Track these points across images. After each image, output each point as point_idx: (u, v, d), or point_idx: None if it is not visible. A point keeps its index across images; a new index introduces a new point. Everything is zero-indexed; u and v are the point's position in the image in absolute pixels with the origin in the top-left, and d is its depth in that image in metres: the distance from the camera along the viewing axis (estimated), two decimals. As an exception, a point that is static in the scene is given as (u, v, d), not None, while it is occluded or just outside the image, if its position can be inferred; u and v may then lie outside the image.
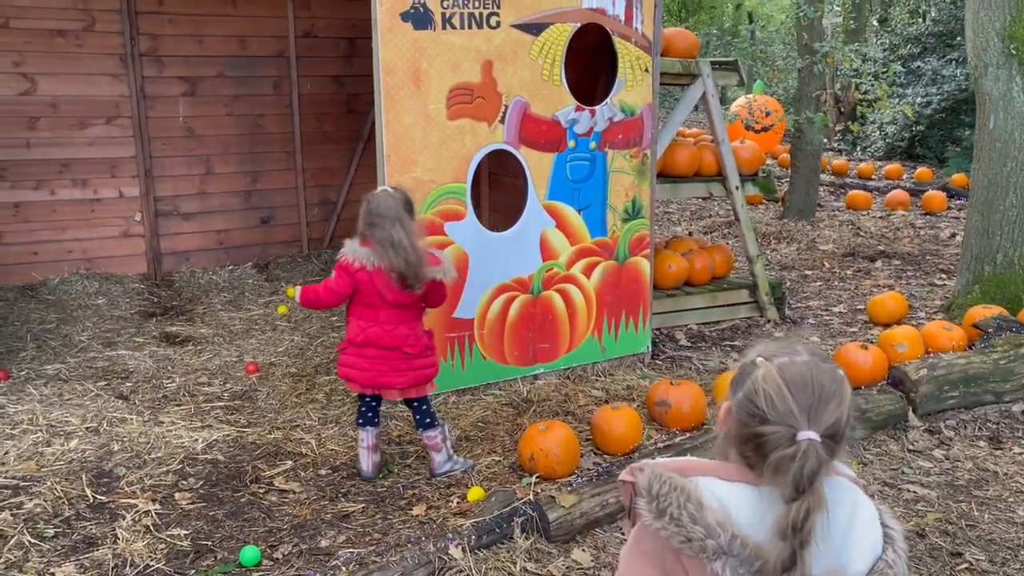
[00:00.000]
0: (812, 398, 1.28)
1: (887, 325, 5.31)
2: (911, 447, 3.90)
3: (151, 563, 2.92)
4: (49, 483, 3.42)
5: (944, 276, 6.72)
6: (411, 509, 3.28)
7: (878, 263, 7.23)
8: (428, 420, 3.47)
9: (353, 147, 7.32)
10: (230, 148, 6.84)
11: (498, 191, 6.34)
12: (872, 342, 4.63)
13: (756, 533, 1.26)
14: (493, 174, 6.26)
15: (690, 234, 8.20)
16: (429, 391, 3.46)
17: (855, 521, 1.33)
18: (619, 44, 4.41)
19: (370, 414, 3.49)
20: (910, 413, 4.09)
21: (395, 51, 3.79)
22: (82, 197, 6.37)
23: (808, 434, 1.26)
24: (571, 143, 4.35)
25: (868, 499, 1.38)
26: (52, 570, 2.86)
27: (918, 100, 12.81)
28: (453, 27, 3.91)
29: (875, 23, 15.08)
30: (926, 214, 9.44)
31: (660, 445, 3.64)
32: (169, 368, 4.76)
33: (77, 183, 6.34)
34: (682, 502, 1.25)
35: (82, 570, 2.87)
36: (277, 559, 2.96)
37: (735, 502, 1.28)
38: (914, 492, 3.50)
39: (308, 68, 7.01)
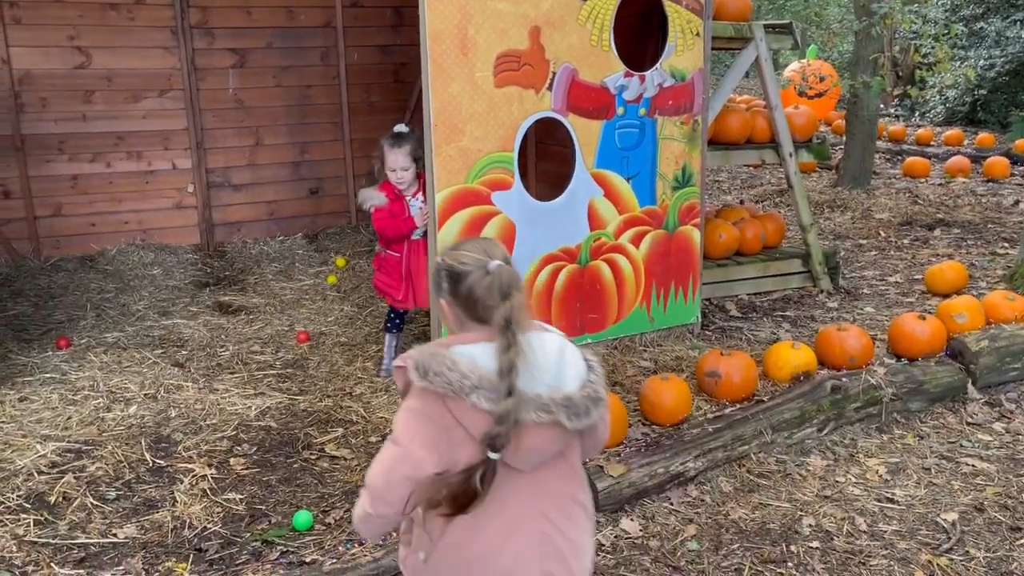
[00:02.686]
0: (480, 249, 1.81)
1: (946, 295, 5.16)
2: (970, 420, 3.80)
3: (208, 525, 3.00)
4: (110, 447, 3.52)
5: (1007, 245, 6.50)
6: (460, 477, 3.31)
7: (936, 232, 7.02)
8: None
9: (400, 117, 7.30)
10: (279, 119, 6.90)
11: (545, 160, 6.28)
12: (930, 312, 4.51)
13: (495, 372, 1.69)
14: (540, 143, 6.20)
15: (741, 202, 8.06)
16: None
17: (564, 356, 1.78)
18: (669, 8, 4.31)
19: (398, 321, 4.34)
20: (969, 385, 3.99)
21: (442, 18, 3.75)
22: (137, 169, 6.50)
23: (494, 263, 1.76)
24: (620, 110, 4.29)
25: (571, 344, 1.83)
26: (114, 531, 2.96)
27: (980, 63, 12.34)
28: (500, -7, 3.86)
29: (936, -18, 14.52)
30: (988, 181, 9.12)
31: (710, 416, 3.61)
32: (223, 337, 4.85)
33: (132, 155, 6.47)
34: (442, 362, 1.67)
35: (143, 531, 2.96)
36: (329, 524, 3.01)
37: (480, 354, 1.70)
38: (972, 466, 3.41)
39: (355, 38, 7.01)
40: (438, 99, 3.82)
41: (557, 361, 1.76)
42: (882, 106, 12.37)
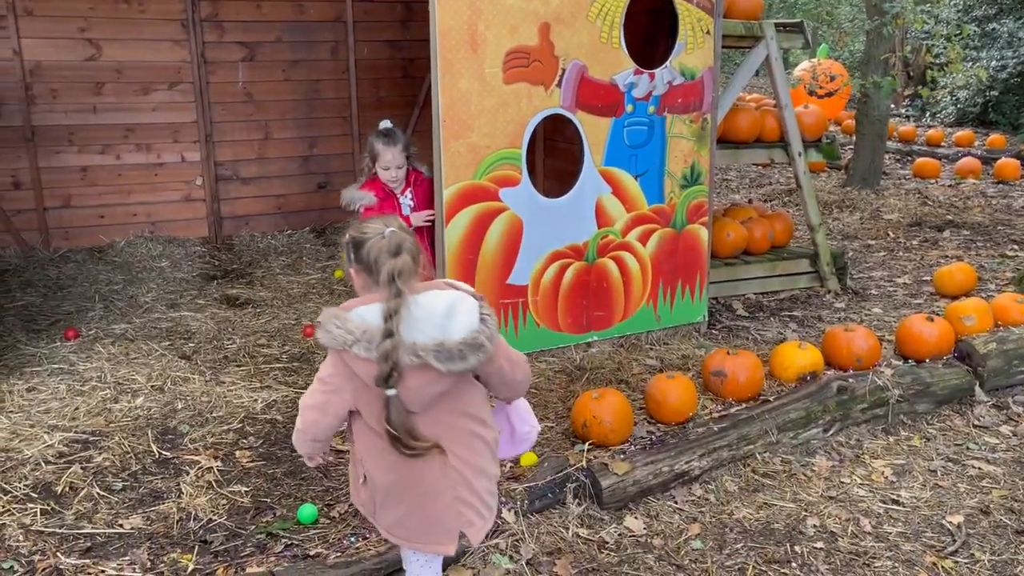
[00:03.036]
0: (381, 221, 2.09)
1: (955, 297, 5.14)
2: (977, 423, 3.79)
3: (213, 517, 3.01)
4: (117, 438, 3.54)
5: (1016, 247, 6.47)
6: (464, 472, 3.31)
7: (946, 233, 6.99)
8: None
9: (409, 112, 7.32)
10: (288, 113, 6.91)
11: (553, 157, 6.28)
12: (938, 314, 4.49)
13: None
14: (548, 139, 6.20)
15: (750, 201, 8.04)
16: None
17: (455, 311, 2.03)
18: (680, 5, 4.30)
19: None
20: (977, 388, 3.97)
21: (452, 14, 3.75)
22: (146, 161, 6.52)
23: (389, 229, 2.05)
24: (629, 107, 4.28)
25: (472, 300, 2.07)
26: (120, 521, 2.97)
27: (992, 64, 12.27)
28: (510, -11, 3.85)
29: (949, -18, 14.44)
30: (998, 183, 9.08)
31: (715, 415, 3.60)
32: (229, 330, 4.87)
33: (141, 148, 6.49)
34: (332, 321, 2.02)
35: (148, 522, 2.98)
36: (334, 517, 3.02)
37: (372, 313, 2.00)
38: (979, 468, 3.40)
39: (365, 33, 7.01)
40: (447, 95, 3.82)
41: (444, 315, 2.03)
42: (892, 106, 12.31)
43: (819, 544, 2.91)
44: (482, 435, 2.20)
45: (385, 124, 4.17)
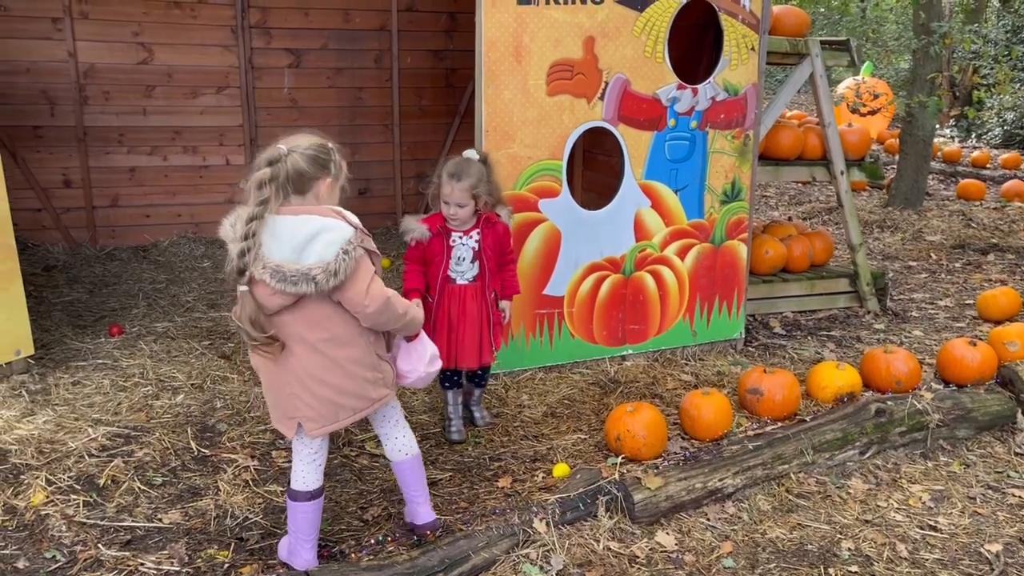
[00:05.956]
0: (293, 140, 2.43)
1: (998, 322, 5.05)
2: (1018, 450, 3.72)
3: (249, 515, 3.06)
4: (158, 434, 3.61)
5: (1063, 273, 6.34)
6: (497, 481, 3.33)
7: (990, 256, 6.87)
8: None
9: (450, 122, 7.39)
10: (331, 120, 7.01)
11: (592, 169, 6.29)
12: (981, 339, 4.42)
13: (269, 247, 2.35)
14: (588, 152, 6.21)
15: (789, 219, 7.97)
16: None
17: (316, 240, 2.29)
18: (725, 21, 4.29)
19: (449, 373, 3.65)
20: (1019, 415, 3.90)
21: (498, 26, 3.79)
22: (192, 164, 6.66)
23: (288, 147, 2.39)
24: (671, 122, 4.28)
25: (341, 232, 2.33)
26: (159, 516, 3.03)
27: (1042, 85, 12.04)
28: (556, 2, 3.88)
29: (997, 3, 14.21)
30: (1046, 207, 8.90)
31: (750, 433, 3.58)
32: (268, 331, 4.93)
33: (188, 150, 6.63)
34: (229, 220, 2.38)
35: (187, 518, 3.03)
36: (367, 520, 3.05)
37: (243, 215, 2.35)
38: (1019, 497, 3.34)
39: (409, 42, 7.10)
40: (490, 105, 3.86)
41: (305, 240, 2.29)
42: (937, 126, 12.14)
43: (854, 568, 2.87)
44: (325, 351, 2.46)
45: (469, 153, 3.44)
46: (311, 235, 2.30)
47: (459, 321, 3.49)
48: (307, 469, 2.66)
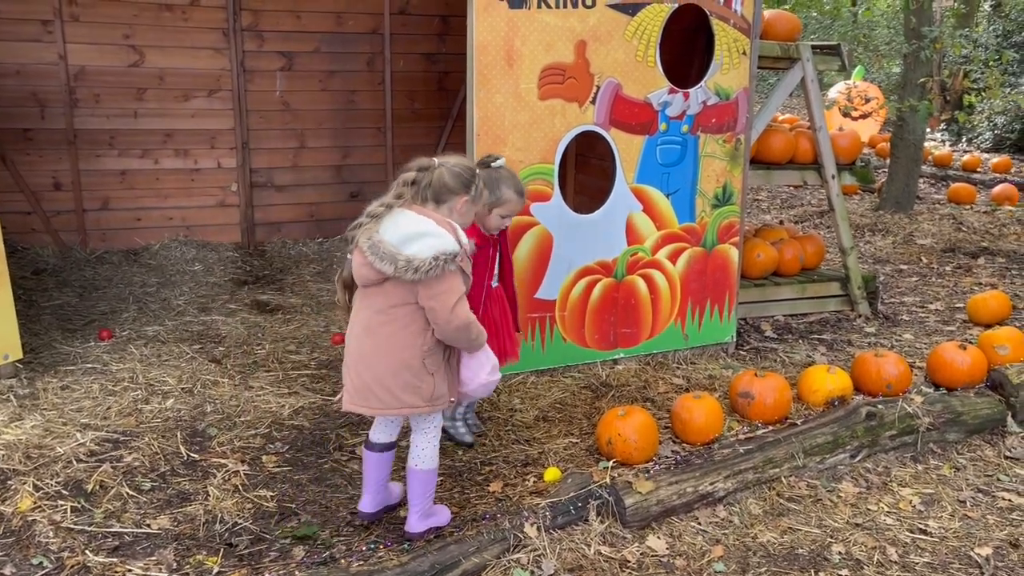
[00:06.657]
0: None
1: (988, 325, 5.07)
2: (1008, 454, 3.73)
3: (239, 521, 3.04)
4: (147, 439, 3.59)
5: (1053, 277, 6.37)
6: (488, 485, 3.32)
7: (980, 260, 6.90)
8: None
9: (442, 125, 7.38)
10: (323, 123, 6.99)
11: (584, 173, 6.29)
12: (971, 342, 4.43)
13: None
14: (580, 155, 6.21)
15: (781, 223, 7.99)
16: None
17: (420, 239, 2.56)
18: (717, 25, 4.30)
19: None
20: (1009, 418, 3.91)
21: (489, 29, 3.79)
22: (183, 167, 6.63)
23: (439, 160, 2.74)
24: (662, 126, 4.29)
25: (444, 244, 2.56)
26: (148, 521, 3.01)
27: (1032, 90, 12.09)
28: (548, 6, 3.89)
29: (987, 8, 14.29)
30: (1035, 210, 8.94)
31: (741, 436, 3.58)
32: (259, 335, 4.92)
33: (179, 153, 6.60)
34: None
35: (175, 523, 3.02)
36: (357, 526, 3.04)
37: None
38: (1009, 500, 3.34)
39: (401, 45, 7.09)
40: (482, 109, 3.86)
41: (410, 235, 2.56)
42: (928, 130, 12.19)
43: (844, 572, 2.87)
44: (382, 341, 2.69)
45: (500, 162, 3.29)
46: (419, 233, 2.57)
47: (504, 321, 3.52)
48: (377, 426, 2.98)
